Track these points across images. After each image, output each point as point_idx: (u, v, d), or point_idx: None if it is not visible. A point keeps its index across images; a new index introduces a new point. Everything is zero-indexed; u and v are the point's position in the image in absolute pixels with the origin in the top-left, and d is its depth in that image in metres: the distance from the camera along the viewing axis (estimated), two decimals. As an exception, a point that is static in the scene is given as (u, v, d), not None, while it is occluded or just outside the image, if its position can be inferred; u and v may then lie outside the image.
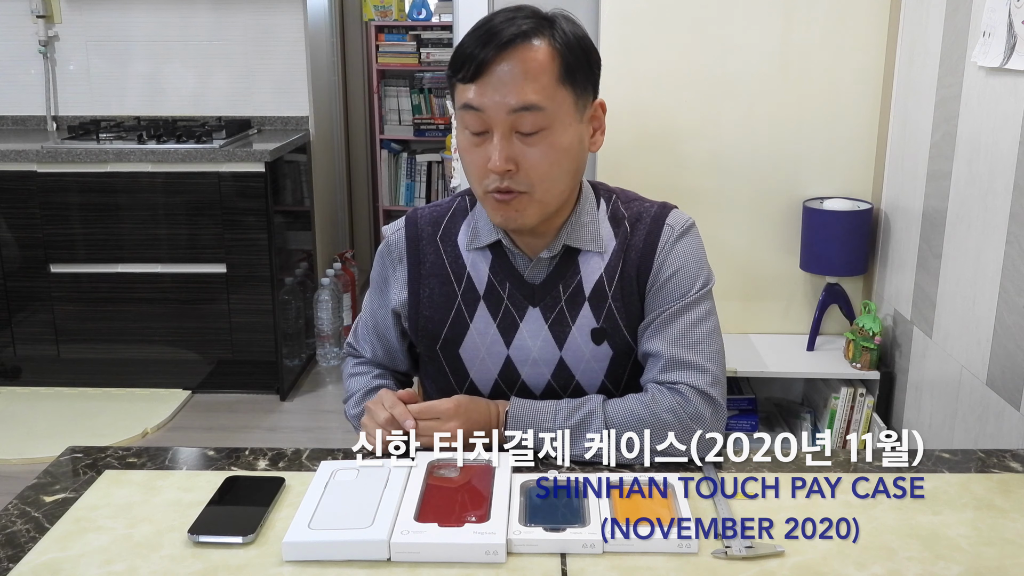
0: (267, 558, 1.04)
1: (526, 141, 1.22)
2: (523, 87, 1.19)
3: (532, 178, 1.23)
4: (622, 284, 1.33)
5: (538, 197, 1.25)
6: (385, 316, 1.44)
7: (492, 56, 1.19)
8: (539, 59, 1.20)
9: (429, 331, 1.38)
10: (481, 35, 1.21)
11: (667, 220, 1.35)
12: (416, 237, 1.39)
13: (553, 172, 1.24)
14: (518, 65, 1.19)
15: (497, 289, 1.34)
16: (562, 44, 1.22)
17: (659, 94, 2.48)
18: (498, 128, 1.21)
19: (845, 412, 2.42)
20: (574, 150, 1.26)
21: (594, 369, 1.35)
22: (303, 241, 4.05)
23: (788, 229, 2.55)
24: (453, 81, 1.25)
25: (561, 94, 1.22)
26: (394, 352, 1.48)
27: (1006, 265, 1.77)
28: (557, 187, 1.26)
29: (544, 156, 1.22)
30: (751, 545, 1.04)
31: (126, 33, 3.90)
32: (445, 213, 1.40)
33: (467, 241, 1.36)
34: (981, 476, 1.22)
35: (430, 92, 4.78)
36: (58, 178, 3.42)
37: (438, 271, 1.37)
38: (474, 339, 1.35)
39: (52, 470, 1.24)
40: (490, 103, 1.20)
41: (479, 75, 1.20)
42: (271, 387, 3.66)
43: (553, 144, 1.23)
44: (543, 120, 1.21)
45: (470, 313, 1.35)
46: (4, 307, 3.56)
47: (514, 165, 1.22)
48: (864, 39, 2.43)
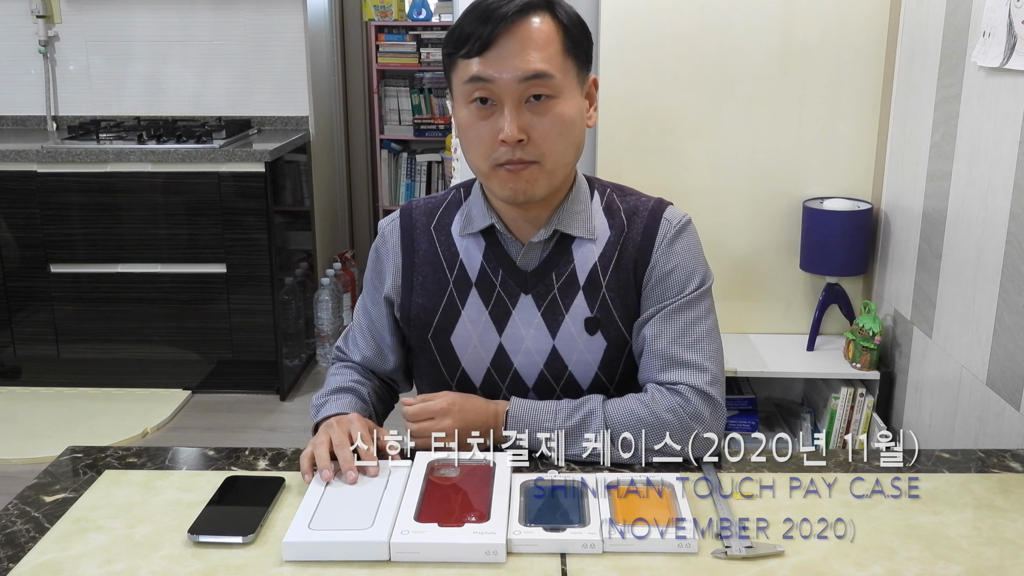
0: (267, 558, 1.04)
1: (535, 111, 1.23)
2: (532, 56, 1.21)
3: (542, 148, 1.24)
4: (618, 275, 1.33)
5: (548, 167, 1.26)
6: (379, 310, 1.43)
7: (498, 29, 1.20)
8: (544, 30, 1.23)
9: (421, 319, 1.37)
10: (481, 12, 1.22)
11: (664, 215, 1.35)
12: (410, 226, 1.40)
13: (561, 142, 1.25)
14: (526, 36, 1.21)
15: (490, 276, 1.34)
16: (565, 18, 1.25)
17: (659, 94, 2.48)
18: (508, 98, 1.22)
19: (845, 412, 2.42)
20: (578, 122, 1.28)
21: (587, 360, 1.34)
22: (303, 241, 4.05)
23: (788, 229, 2.55)
24: (454, 58, 1.25)
25: (567, 64, 1.25)
26: (384, 348, 1.46)
27: (1006, 265, 1.77)
28: (565, 158, 1.28)
29: (553, 125, 1.24)
30: (751, 545, 1.04)
31: (126, 33, 3.90)
32: (440, 204, 1.41)
33: (460, 228, 1.37)
34: (981, 476, 1.22)
35: (430, 92, 4.78)
36: (58, 178, 3.42)
37: (431, 259, 1.37)
38: (466, 327, 1.35)
39: (52, 470, 1.24)
40: (500, 73, 1.21)
41: (485, 48, 1.21)
42: (271, 387, 3.66)
43: (561, 114, 1.24)
44: (552, 88, 1.23)
45: (462, 300, 1.35)
46: (4, 307, 3.56)
47: (525, 135, 1.23)
48: (864, 39, 2.43)
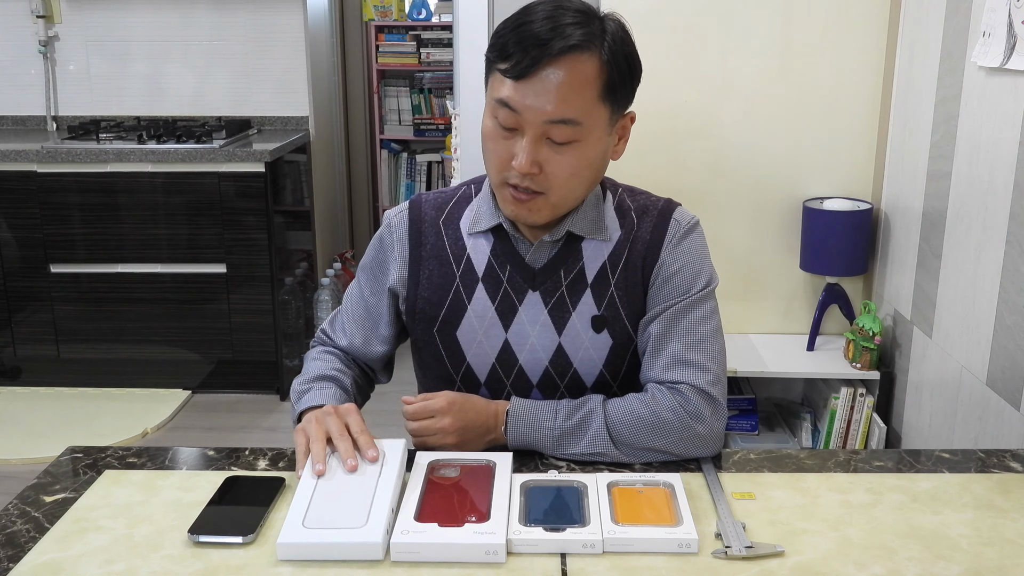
0: (267, 558, 1.04)
1: (555, 148, 1.22)
2: (564, 100, 1.18)
3: (552, 183, 1.23)
4: (626, 273, 1.33)
5: (553, 200, 1.25)
6: (378, 300, 1.41)
7: (538, 63, 1.18)
8: (585, 73, 1.19)
9: (427, 313, 1.37)
10: (530, 35, 1.18)
11: (674, 215, 1.36)
12: (419, 219, 1.39)
13: (573, 181, 1.25)
14: (564, 76, 1.18)
15: (497, 271, 1.34)
16: (610, 57, 1.21)
17: (659, 94, 2.48)
18: (530, 131, 1.21)
19: (845, 412, 2.42)
20: (598, 162, 1.27)
21: (592, 358, 1.34)
22: (303, 241, 4.05)
23: (788, 229, 2.55)
24: (493, 66, 1.23)
25: (599, 110, 1.22)
26: (374, 338, 1.43)
27: (1006, 265, 1.77)
28: (573, 194, 1.27)
29: (568, 165, 1.23)
30: (751, 545, 1.04)
31: (126, 33, 3.91)
32: (450, 199, 1.41)
33: (469, 225, 1.37)
34: (981, 476, 1.22)
35: (430, 92, 4.78)
36: (58, 178, 3.42)
37: (438, 253, 1.37)
38: (471, 321, 1.35)
39: (52, 470, 1.24)
40: (527, 107, 1.19)
41: (522, 77, 1.19)
42: (271, 387, 3.66)
43: (580, 156, 1.23)
44: (576, 134, 1.21)
45: (468, 295, 1.35)
46: (4, 307, 3.57)
47: (538, 168, 1.22)
48: (864, 39, 2.43)
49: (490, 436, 1.28)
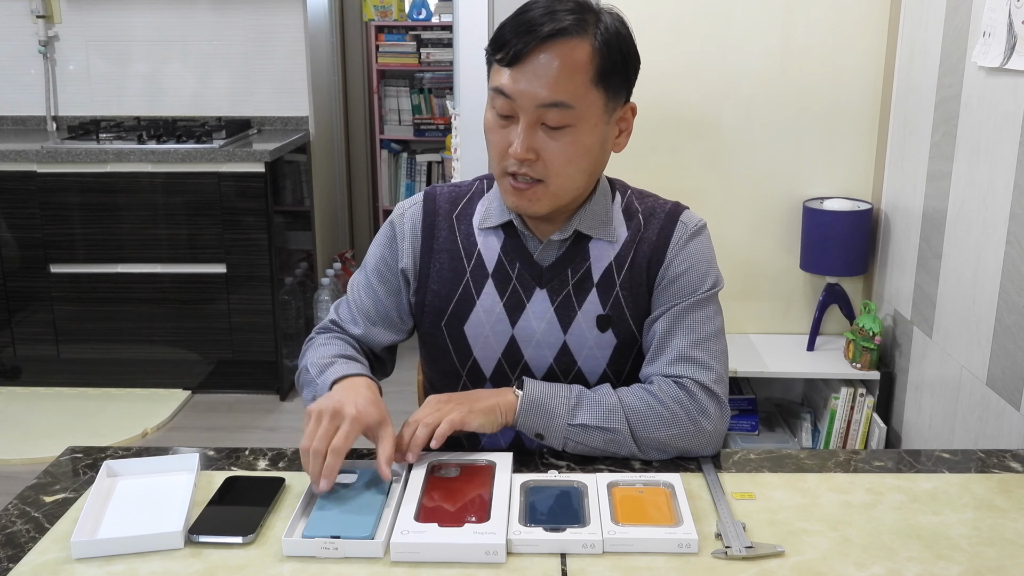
0: (267, 558, 1.04)
1: (550, 134, 1.23)
2: (556, 83, 1.20)
3: (549, 170, 1.24)
4: (631, 274, 1.34)
5: (552, 189, 1.26)
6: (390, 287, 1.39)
7: (530, 46, 1.20)
8: (576, 57, 1.21)
9: (436, 306, 1.38)
10: (523, 22, 1.21)
11: (681, 217, 1.37)
12: (433, 212, 1.40)
13: (570, 168, 1.25)
14: (555, 60, 1.20)
15: (506, 268, 1.35)
16: (603, 44, 1.22)
17: (659, 94, 2.48)
18: (524, 117, 1.22)
19: (845, 412, 2.42)
20: (595, 150, 1.27)
21: (597, 356, 1.35)
22: (303, 241, 4.05)
23: (788, 229, 2.55)
24: (491, 60, 1.26)
25: (592, 95, 1.23)
26: (384, 325, 1.40)
27: (1006, 265, 1.77)
28: (572, 183, 1.27)
29: (564, 151, 1.24)
30: (751, 545, 1.04)
31: (126, 33, 3.90)
32: (464, 194, 1.42)
33: (480, 220, 1.38)
34: (981, 476, 1.22)
35: (430, 92, 4.78)
36: (58, 178, 3.42)
37: (449, 247, 1.38)
38: (480, 316, 1.36)
39: (52, 470, 1.24)
40: (521, 92, 1.21)
41: (515, 62, 1.21)
42: (271, 387, 3.66)
43: (576, 141, 1.24)
44: (570, 118, 1.22)
45: (477, 290, 1.36)
46: (4, 307, 3.56)
47: (534, 154, 1.23)
48: (864, 39, 2.43)
49: (495, 399, 1.25)
